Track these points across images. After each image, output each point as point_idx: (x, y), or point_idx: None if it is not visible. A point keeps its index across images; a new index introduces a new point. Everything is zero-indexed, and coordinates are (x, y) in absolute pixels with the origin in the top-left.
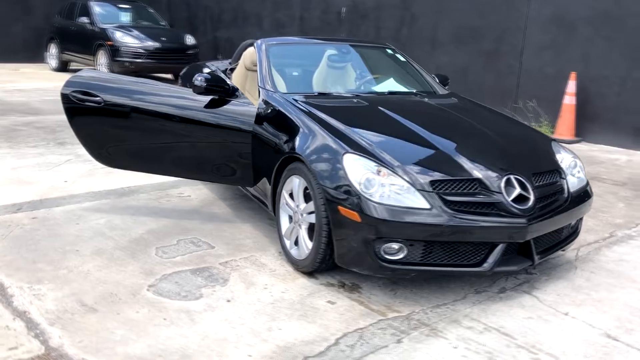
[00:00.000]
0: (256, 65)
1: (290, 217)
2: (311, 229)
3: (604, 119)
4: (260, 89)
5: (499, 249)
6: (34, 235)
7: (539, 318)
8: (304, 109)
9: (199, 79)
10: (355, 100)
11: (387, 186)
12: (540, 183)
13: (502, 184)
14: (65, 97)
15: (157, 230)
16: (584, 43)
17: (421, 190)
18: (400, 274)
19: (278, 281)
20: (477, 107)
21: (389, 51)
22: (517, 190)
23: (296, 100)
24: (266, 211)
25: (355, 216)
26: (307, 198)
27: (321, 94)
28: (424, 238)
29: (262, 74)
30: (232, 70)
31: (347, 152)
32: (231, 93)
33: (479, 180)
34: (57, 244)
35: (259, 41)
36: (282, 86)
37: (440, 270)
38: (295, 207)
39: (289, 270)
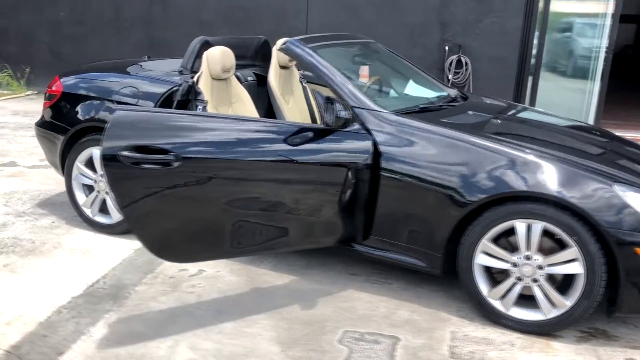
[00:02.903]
0: (227, 72)
1: (490, 272)
2: (552, 280)
3: None
4: (361, 111)
5: None
6: None
7: None
8: (481, 134)
9: (343, 109)
10: (471, 113)
11: None
12: None
13: None
14: (113, 162)
15: (288, 339)
16: (368, 25)
17: None
18: None
19: (545, 356)
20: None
21: (380, 46)
22: None
23: (442, 122)
24: (339, 261)
25: None
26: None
27: (423, 109)
28: None
29: (344, 89)
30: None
31: (616, 182)
32: (351, 122)
33: None
34: None
35: (287, 44)
36: (385, 104)
37: None
38: (520, 259)
39: (524, 338)
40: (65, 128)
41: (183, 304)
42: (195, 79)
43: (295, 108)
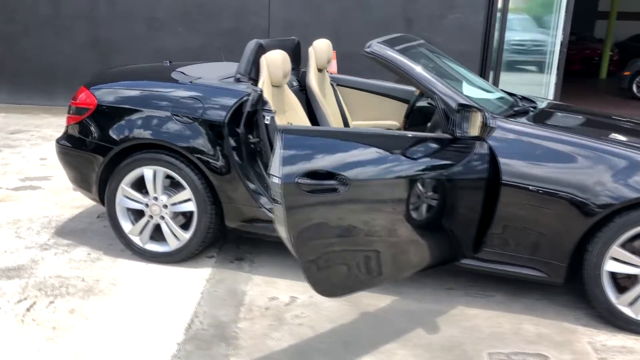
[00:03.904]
0: (285, 77)
1: (614, 277)
2: None
3: None
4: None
5: None
6: None
7: None
8: (598, 138)
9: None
10: (560, 115)
11: None
12: None
13: None
14: (292, 190)
15: None
16: (332, 21)
17: None
18: None
19: None
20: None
21: (432, 46)
22: None
23: (557, 127)
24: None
25: None
26: None
27: (516, 113)
28: None
29: (447, 96)
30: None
31: None
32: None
33: None
34: None
35: (372, 47)
36: (490, 107)
37: None
38: None
39: None
40: (105, 147)
41: (301, 339)
42: (260, 86)
43: (329, 112)
